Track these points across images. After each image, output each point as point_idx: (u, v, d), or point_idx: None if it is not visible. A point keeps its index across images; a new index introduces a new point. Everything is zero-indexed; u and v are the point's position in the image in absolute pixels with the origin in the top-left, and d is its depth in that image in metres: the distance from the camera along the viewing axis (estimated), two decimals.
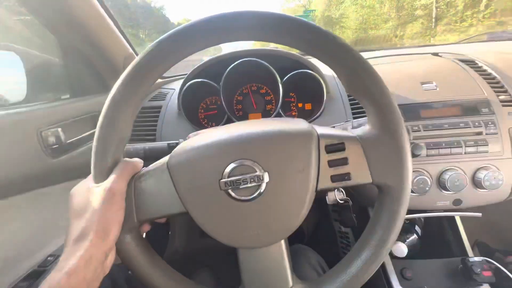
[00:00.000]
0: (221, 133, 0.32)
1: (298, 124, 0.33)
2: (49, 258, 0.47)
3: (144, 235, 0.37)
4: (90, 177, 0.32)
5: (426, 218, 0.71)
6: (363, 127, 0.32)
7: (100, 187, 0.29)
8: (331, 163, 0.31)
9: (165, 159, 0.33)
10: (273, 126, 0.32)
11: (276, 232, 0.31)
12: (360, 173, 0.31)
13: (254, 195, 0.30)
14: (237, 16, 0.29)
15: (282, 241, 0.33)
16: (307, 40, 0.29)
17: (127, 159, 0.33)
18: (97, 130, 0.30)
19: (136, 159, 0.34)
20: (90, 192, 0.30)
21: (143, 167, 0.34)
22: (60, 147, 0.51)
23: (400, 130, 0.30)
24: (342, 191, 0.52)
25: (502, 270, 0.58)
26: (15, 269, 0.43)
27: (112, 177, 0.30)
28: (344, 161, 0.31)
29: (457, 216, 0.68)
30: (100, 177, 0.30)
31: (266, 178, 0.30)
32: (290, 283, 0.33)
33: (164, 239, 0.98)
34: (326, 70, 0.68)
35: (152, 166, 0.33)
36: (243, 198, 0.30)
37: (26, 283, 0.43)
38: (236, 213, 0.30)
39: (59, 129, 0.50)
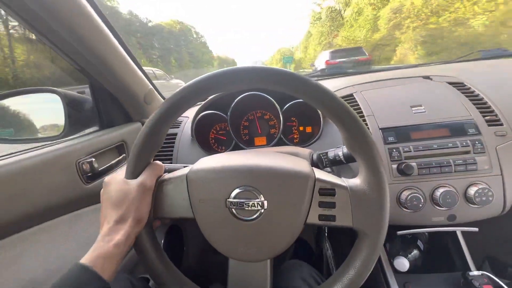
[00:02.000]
0: (234, 160, 0.40)
1: (301, 165, 0.39)
2: None
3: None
4: (121, 172, 0.40)
5: (429, 233, 0.73)
6: (355, 180, 0.38)
7: (136, 182, 0.38)
8: (321, 204, 0.36)
9: (185, 170, 0.40)
10: (279, 162, 0.39)
11: (265, 252, 0.37)
12: (343, 217, 0.36)
13: (253, 217, 0.36)
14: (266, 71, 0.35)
15: (268, 261, 0.38)
16: (320, 102, 0.35)
17: (156, 161, 0.42)
18: (138, 137, 0.38)
19: (160, 163, 0.42)
20: (128, 186, 0.37)
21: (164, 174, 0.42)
22: (93, 174, 0.60)
23: (384, 190, 0.35)
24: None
25: (501, 285, 0.59)
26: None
27: (145, 174, 0.39)
28: (332, 205, 0.36)
29: (459, 231, 0.70)
30: (133, 174, 0.38)
31: (265, 205, 0.36)
32: None
33: (179, 254, 1.03)
34: None
35: (173, 174, 0.41)
36: (243, 217, 0.36)
37: None
38: (235, 229, 0.37)
39: (93, 159, 0.59)
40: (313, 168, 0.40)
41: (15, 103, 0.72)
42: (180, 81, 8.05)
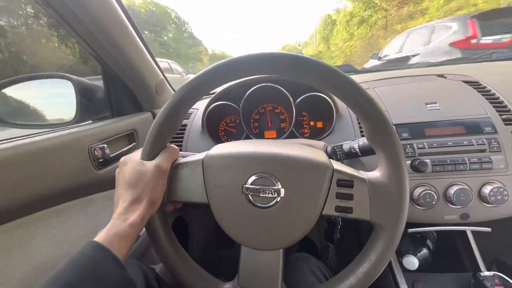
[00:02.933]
0: (252, 147, 0.39)
1: (319, 155, 0.38)
2: None
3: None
4: (137, 152, 0.40)
5: (438, 233, 0.72)
6: (374, 172, 0.37)
7: (152, 164, 0.37)
8: (338, 195, 0.36)
9: (201, 155, 0.40)
10: (297, 151, 0.38)
11: (279, 241, 0.37)
12: (361, 210, 0.35)
13: (269, 205, 0.36)
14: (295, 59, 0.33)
15: (281, 250, 0.38)
16: (345, 92, 0.34)
17: (172, 145, 0.42)
18: (156, 120, 0.38)
19: (176, 147, 0.42)
20: (144, 167, 0.37)
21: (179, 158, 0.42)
22: (104, 160, 0.60)
23: (404, 184, 0.34)
24: None
25: None
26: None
27: (161, 157, 0.39)
28: (350, 197, 0.36)
29: (469, 231, 0.69)
30: (150, 156, 0.38)
31: (282, 193, 0.35)
32: None
33: (183, 247, 1.03)
34: None
35: (189, 158, 0.41)
36: (259, 204, 0.36)
37: None
38: (250, 216, 0.36)
39: (105, 146, 0.59)
40: (330, 159, 0.39)
41: (27, 88, 0.72)
42: None
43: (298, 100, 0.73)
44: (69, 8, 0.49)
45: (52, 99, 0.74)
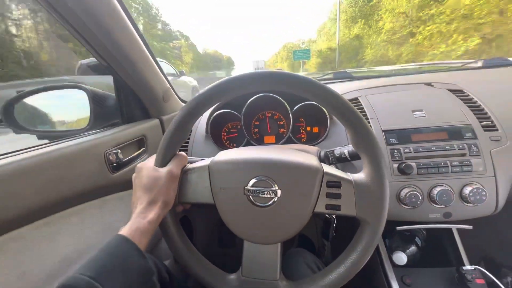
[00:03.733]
0: (252, 153, 0.45)
1: (311, 160, 0.44)
2: None
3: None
4: (151, 159, 0.45)
5: (427, 231, 0.78)
6: (359, 174, 0.43)
7: (165, 170, 0.43)
8: (328, 195, 0.41)
9: (207, 161, 0.46)
10: (292, 157, 0.44)
11: (277, 236, 0.42)
12: (348, 207, 0.41)
13: (268, 204, 0.41)
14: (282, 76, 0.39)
15: (279, 244, 0.43)
16: (330, 104, 0.40)
17: (181, 152, 0.47)
18: (167, 131, 0.43)
19: (185, 154, 0.48)
20: (158, 173, 0.43)
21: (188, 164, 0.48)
22: (118, 164, 0.65)
23: (384, 184, 0.40)
24: None
25: (494, 281, 0.63)
26: (84, 260, 0.56)
27: (172, 164, 0.44)
28: (338, 196, 0.41)
29: (454, 229, 0.74)
30: (162, 163, 0.44)
31: (279, 194, 0.41)
32: (277, 277, 0.43)
33: None
34: None
35: (196, 164, 0.46)
36: (259, 204, 0.41)
37: None
38: (251, 214, 0.42)
39: (119, 151, 0.65)
40: (321, 163, 0.44)
41: (44, 99, 0.78)
42: (191, 79, 6.50)
43: (295, 108, 0.79)
44: (83, 22, 0.54)
45: (67, 108, 0.80)
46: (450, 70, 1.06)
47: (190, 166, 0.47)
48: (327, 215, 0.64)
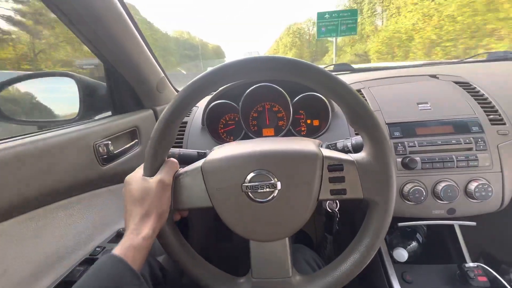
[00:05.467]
0: (246, 147, 0.42)
1: (309, 146, 0.41)
2: (97, 249, 0.57)
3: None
4: (139, 170, 0.41)
5: (428, 227, 0.76)
6: (360, 154, 0.40)
7: (155, 180, 0.39)
8: (331, 180, 0.38)
9: (199, 163, 0.42)
10: (288, 145, 0.41)
11: (283, 230, 0.40)
12: (354, 190, 0.38)
13: (268, 199, 0.38)
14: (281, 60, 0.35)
15: (287, 239, 0.40)
16: (323, 84, 0.36)
17: (171, 158, 0.44)
18: (152, 134, 0.39)
19: (175, 160, 0.44)
20: (148, 183, 0.39)
21: (180, 168, 0.44)
22: (108, 157, 0.62)
23: (389, 160, 0.37)
24: (336, 203, 0.60)
25: (497, 278, 0.62)
26: (73, 256, 0.53)
27: (163, 171, 0.41)
28: (342, 179, 0.38)
29: (456, 225, 0.72)
30: (151, 172, 0.40)
31: (279, 186, 0.38)
32: (290, 274, 0.40)
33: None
34: None
35: (188, 167, 0.43)
36: (259, 200, 0.38)
37: (81, 268, 0.52)
38: (252, 212, 0.39)
39: (109, 142, 0.61)
40: (320, 148, 0.42)
41: (29, 86, 0.74)
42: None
43: (295, 99, 0.76)
44: (72, 6, 0.50)
45: (55, 96, 0.76)
46: (454, 63, 1.03)
47: (182, 170, 0.43)
48: (329, 209, 0.61)
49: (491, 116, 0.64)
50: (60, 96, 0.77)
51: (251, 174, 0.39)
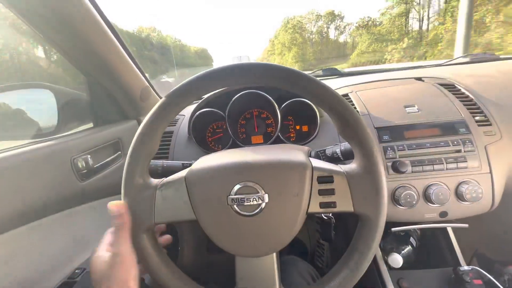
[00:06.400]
0: (232, 157, 0.39)
1: (297, 156, 0.39)
2: (76, 271, 0.53)
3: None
4: (101, 244, 0.36)
5: (421, 230, 0.75)
6: (351, 165, 0.38)
7: (108, 254, 0.34)
8: (321, 192, 0.37)
9: (183, 173, 0.39)
10: (275, 155, 0.39)
11: (270, 245, 0.37)
12: (344, 202, 0.36)
13: (255, 212, 0.36)
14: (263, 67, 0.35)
15: (274, 254, 0.38)
16: (314, 94, 0.36)
17: (117, 223, 0.36)
18: (132, 145, 0.37)
19: (125, 220, 0.37)
20: (101, 260, 0.34)
21: (162, 178, 0.40)
22: (88, 171, 0.59)
23: (379, 171, 0.35)
24: None
25: (492, 280, 0.61)
26: (49, 280, 0.49)
27: (115, 243, 0.35)
28: (331, 191, 0.36)
29: (449, 228, 0.72)
30: (131, 188, 0.37)
31: (266, 198, 0.36)
32: None
33: (173, 254, 1.02)
34: None
35: (172, 177, 0.40)
36: (245, 213, 0.36)
37: None
38: (238, 226, 0.37)
39: (88, 156, 0.58)
40: (309, 158, 0.40)
41: (3, 99, 0.70)
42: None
43: (283, 106, 0.75)
44: (48, 16, 0.48)
45: (32, 110, 0.72)
46: (438, 65, 1.05)
47: (165, 180, 0.40)
48: (324, 216, 0.59)
49: (477, 118, 0.65)
50: (36, 108, 0.73)
51: (237, 186, 0.36)
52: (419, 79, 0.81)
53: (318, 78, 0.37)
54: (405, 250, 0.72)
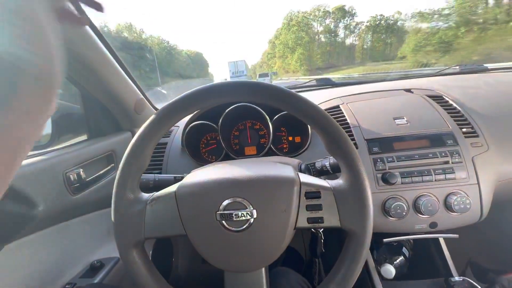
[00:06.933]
0: (221, 172, 0.40)
1: (286, 171, 0.40)
2: (67, 286, 0.53)
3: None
4: None
5: (413, 240, 0.76)
6: (338, 180, 0.39)
7: None
8: (308, 207, 0.37)
9: (173, 187, 0.40)
10: (264, 171, 0.40)
11: (259, 260, 0.38)
12: (331, 218, 0.37)
13: (244, 227, 0.36)
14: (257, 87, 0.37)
15: (263, 269, 0.39)
16: (300, 110, 0.37)
17: None
18: (123, 160, 0.37)
19: None
20: None
21: (153, 192, 0.41)
22: (81, 185, 0.59)
23: (364, 188, 0.36)
24: None
25: None
26: None
27: None
28: (319, 207, 0.37)
29: (441, 238, 0.72)
30: (121, 203, 0.38)
31: (255, 214, 0.36)
32: None
33: (168, 264, 1.02)
34: None
35: (162, 192, 0.40)
36: (234, 229, 0.37)
37: None
38: (227, 241, 0.37)
39: (81, 170, 0.58)
40: (298, 173, 0.41)
41: None
42: None
43: (275, 117, 0.76)
44: None
45: None
46: (429, 76, 1.07)
47: (155, 195, 0.41)
48: (312, 230, 0.60)
49: (464, 129, 0.66)
50: None
51: (226, 201, 0.37)
52: (409, 90, 0.83)
53: (312, 88, 0.39)
54: (398, 261, 0.73)
